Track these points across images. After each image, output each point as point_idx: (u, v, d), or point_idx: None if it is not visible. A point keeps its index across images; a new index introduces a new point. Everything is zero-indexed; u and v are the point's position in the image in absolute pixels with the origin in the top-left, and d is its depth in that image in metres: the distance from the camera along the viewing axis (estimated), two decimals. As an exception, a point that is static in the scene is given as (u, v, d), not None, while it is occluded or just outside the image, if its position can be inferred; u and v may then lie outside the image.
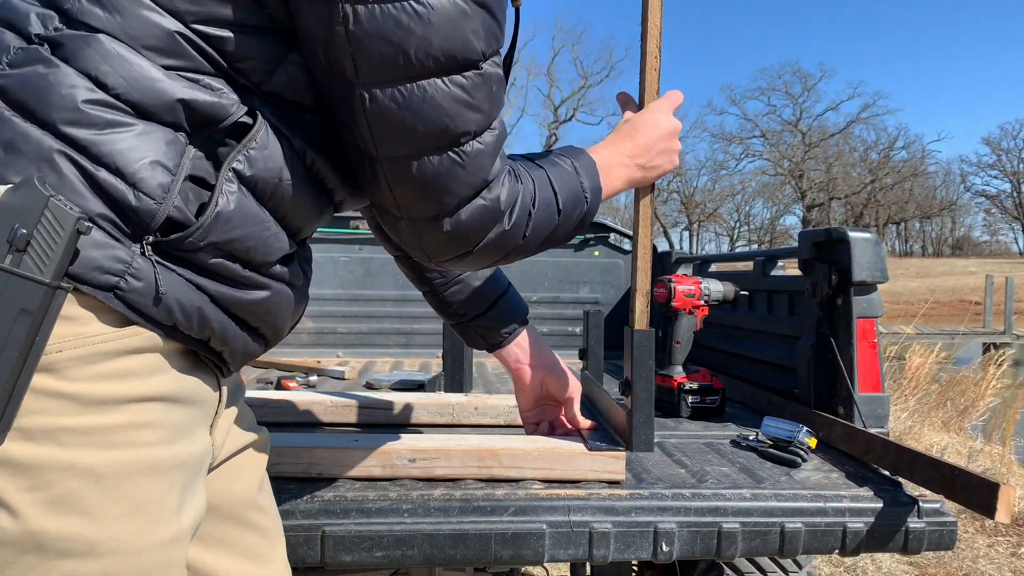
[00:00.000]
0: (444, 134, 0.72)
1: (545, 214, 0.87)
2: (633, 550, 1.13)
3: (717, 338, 2.32)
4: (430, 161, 0.73)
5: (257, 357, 0.85)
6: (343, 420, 1.57)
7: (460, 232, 0.79)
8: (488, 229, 0.80)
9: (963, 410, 6.30)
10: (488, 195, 0.78)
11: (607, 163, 1.01)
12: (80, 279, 0.62)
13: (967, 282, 30.60)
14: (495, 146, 0.77)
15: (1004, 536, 3.58)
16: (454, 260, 0.84)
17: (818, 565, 3.21)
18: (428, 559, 1.10)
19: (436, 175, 0.74)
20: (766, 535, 1.15)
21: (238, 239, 0.70)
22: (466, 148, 0.74)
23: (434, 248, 0.81)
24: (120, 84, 0.64)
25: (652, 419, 1.19)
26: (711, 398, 1.76)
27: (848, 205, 52.69)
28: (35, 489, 0.61)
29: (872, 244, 1.55)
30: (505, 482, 1.21)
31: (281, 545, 0.95)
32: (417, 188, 0.75)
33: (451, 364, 1.88)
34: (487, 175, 0.77)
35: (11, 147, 0.62)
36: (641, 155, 1.06)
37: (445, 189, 0.75)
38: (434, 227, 0.78)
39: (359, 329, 2.91)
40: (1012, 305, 14.85)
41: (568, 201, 0.91)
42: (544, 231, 0.89)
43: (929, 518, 1.18)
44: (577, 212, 0.93)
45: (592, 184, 0.95)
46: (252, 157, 0.70)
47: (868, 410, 1.51)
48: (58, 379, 0.62)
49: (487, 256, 0.85)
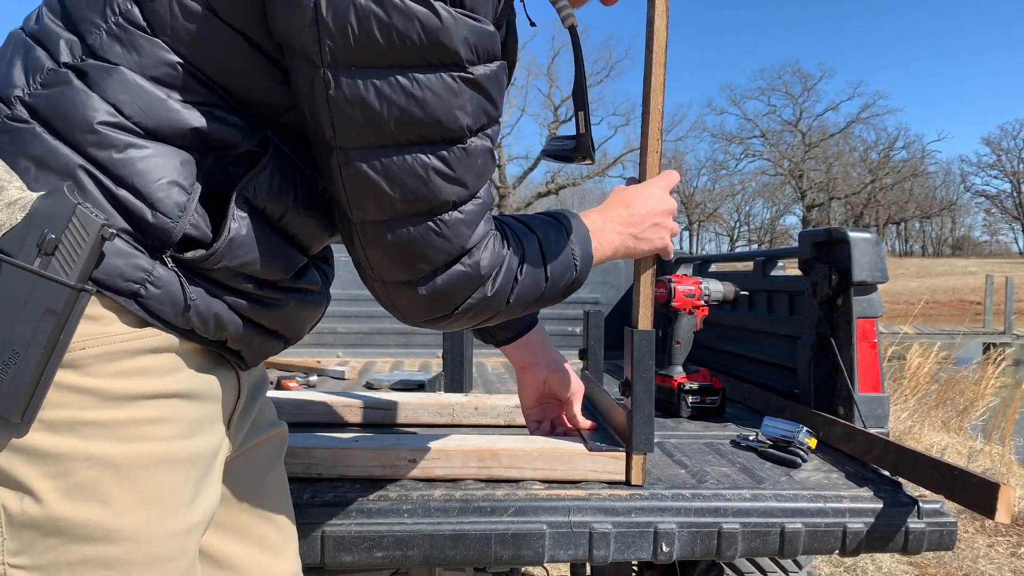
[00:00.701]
0: (422, 203, 0.71)
1: (532, 281, 0.86)
2: (633, 550, 1.13)
3: (717, 338, 2.32)
4: (406, 229, 0.72)
5: (277, 354, 0.87)
6: (343, 420, 1.56)
7: (436, 296, 0.77)
8: (469, 294, 0.79)
9: (963, 410, 6.29)
10: (468, 260, 0.77)
11: (599, 228, 0.99)
12: (104, 284, 0.66)
13: (967, 282, 30.61)
14: (477, 215, 0.76)
15: (1004, 536, 3.58)
16: (430, 322, 0.82)
17: (818, 565, 3.21)
18: (428, 559, 1.10)
19: (411, 242, 0.73)
20: (766, 535, 1.15)
21: (250, 262, 0.73)
22: (444, 217, 0.73)
23: (407, 309, 0.80)
24: (136, 112, 0.68)
25: (652, 419, 1.19)
26: (711, 398, 1.76)
27: (848, 205, 52.71)
28: (57, 477, 0.65)
29: (872, 244, 1.55)
30: (505, 482, 1.21)
31: (294, 538, 0.98)
32: (390, 253, 0.74)
33: (451, 364, 1.88)
34: (465, 243, 0.75)
35: (41, 162, 0.66)
36: (634, 224, 1.04)
37: (419, 256, 0.74)
38: (407, 291, 0.77)
39: (359, 329, 2.91)
40: (1012, 305, 14.85)
41: (557, 268, 0.89)
42: (529, 297, 0.86)
43: (929, 518, 1.18)
44: (565, 279, 0.91)
45: (583, 251, 0.94)
46: (260, 185, 0.73)
47: (868, 410, 1.51)
48: (81, 375, 0.65)
49: (467, 320, 0.82)
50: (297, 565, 0.97)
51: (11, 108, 0.67)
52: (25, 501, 0.64)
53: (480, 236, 0.77)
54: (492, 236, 0.79)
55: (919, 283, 31.64)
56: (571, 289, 0.93)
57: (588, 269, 0.95)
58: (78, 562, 0.65)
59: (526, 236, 0.87)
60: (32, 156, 0.66)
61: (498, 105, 0.74)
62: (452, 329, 0.85)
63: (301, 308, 0.83)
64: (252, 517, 0.92)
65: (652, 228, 1.06)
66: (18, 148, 0.66)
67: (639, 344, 1.19)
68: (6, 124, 0.67)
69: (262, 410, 0.95)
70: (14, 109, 0.67)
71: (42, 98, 0.67)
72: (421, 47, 0.66)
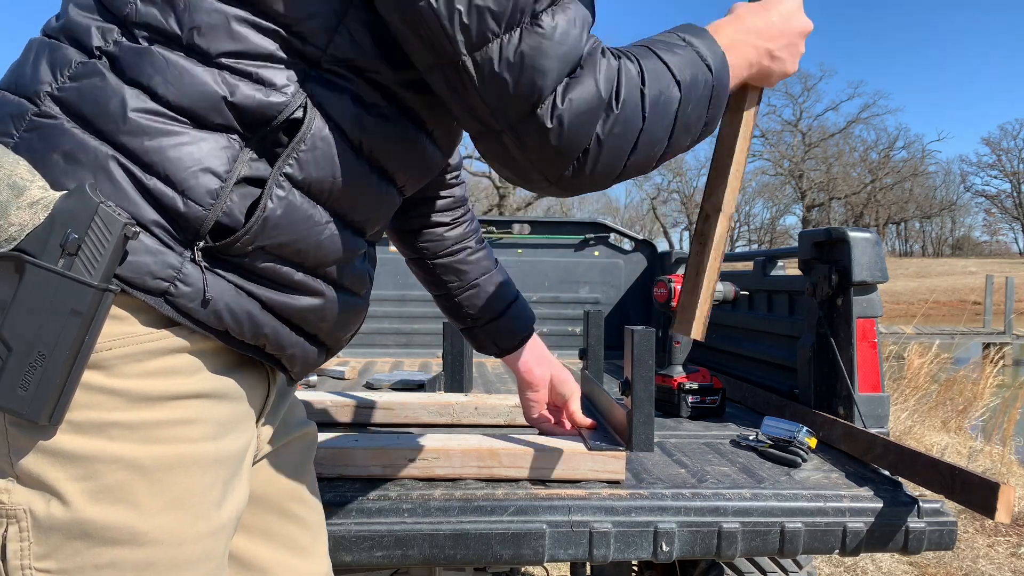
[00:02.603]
0: (517, 5, 0.66)
1: (660, 88, 0.74)
2: (633, 550, 1.13)
3: (717, 338, 2.32)
4: (511, 40, 0.66)
5: (319, 365, 0.84)
6: (343, 420, 1.57)
7: (565, 125, 0.69)
8: (596, 116, 0.70)
9: (963, 410, 6.29)
10: (584, 75, 0.69)
11: (731, 41, 0.84)
12: (132, 284, 0.65)
13: (967, 282, 30.61)
14: (579, 17, 0.70)
15: (1004, 536, 3.58)
16: (577, 176, 0.72)
17: (818, 565, 3.21)
18: (428, 559, 1.10)
19: (521, 56, 0.67)
20: (766, 535, 1.15)
21: (288, 243, 0.71)
22: (544, 19, 0.67)
23: (547, 161, 0.71)
24: (170, 92, 0.66)
25: (652, 419, 1.19)
26: (711, 398, 1.76)
27: (848, 205, 52.71)
28: (84, 479, 0.64)
29: (872, 244, 1.55)
30: (505, 482, 1.21)
31: (323, 539, 0.96)
32: (506, 77, 0.67)
33: (451, 364, 1.88)
34: (578, 49, 0.69)
35: (70, 157, 0.65)
36: (773, 38, 0.87)
37: (534, 68, 0.67)
38: (536, 126, 0.68)
39: (360, 329, 2.91)
40: (1012, 305, 14.85)
41: (685, 71, 0.76)
42: (668, 109, 0.75)
43: (929, 518, 1.18)
44: (702, 83, 0.78)
45: (712, 52, 0.80)
46: (302, 159, 0.70)
47: (868, 410, 1.51)
48: (108, 376, 0.65)
49: (611, 157, 0.72)
50: (327, 566, 0.95)
51: (39, 105, 0.67)
52: (52, 504, 0.63)
53: (592, 48, 0.70)
54: (603, 50, 0.72)
55: (919, 283, 31.66)
56: (715, 99, 0.80)
57: (726, 72, 0.81)
58: (105, 565, 0.65)
59: (636, 48, 0.77)
60: (62, 151, 0.65)
61: None
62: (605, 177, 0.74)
63: (341, 307, 0.80)
64: (281, 518, 0.90)
65: (788, 48, 0.89)
66: (48, 144, 0.66)
67: (639, 343, 1.19)
68: (34, 121, 0.66)
69: (291, 409, 0.93)
70: (42, 106, 0.67)
71: (72, 91, 0.66)
72: None
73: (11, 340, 0.62)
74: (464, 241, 1.17)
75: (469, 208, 1.21)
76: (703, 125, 0.80)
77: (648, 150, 0.75)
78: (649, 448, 1.19)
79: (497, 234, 3.07)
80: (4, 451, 0.64)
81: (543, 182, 0.74)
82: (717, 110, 0.81)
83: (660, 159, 0.78)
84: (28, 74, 0.69)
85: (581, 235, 3.09)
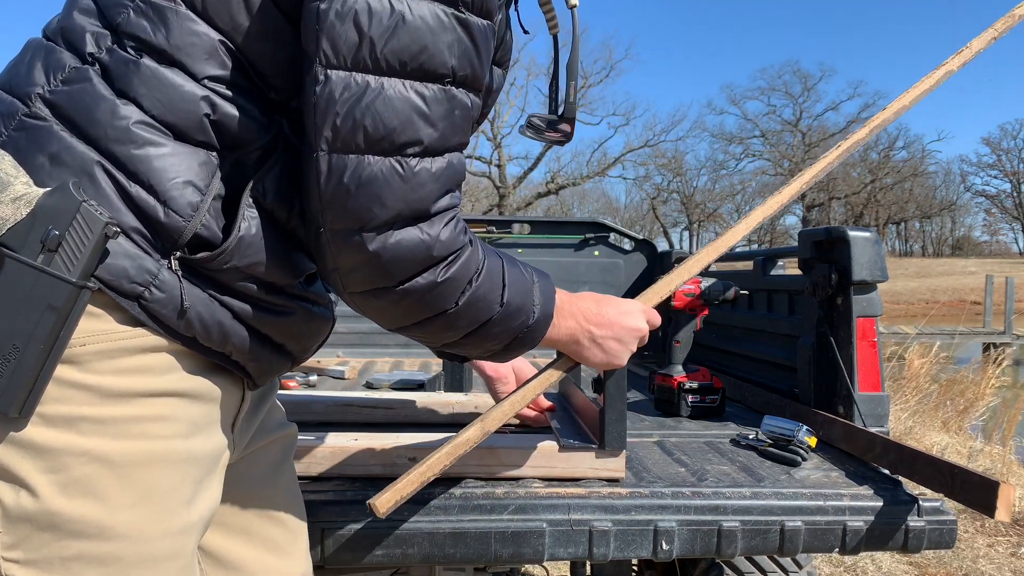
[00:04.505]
0: (388, 136, 0.68)
1: (486, 294, 0.78)
2: (633, 548, 1.13)
3: (717, 338, 2.33)
4: (368, 162, 0.68)
5: (284, 372, 0.85)
6: (343, 420, 1.56)
7: (384, 258, 0.70)
8: (418, 269, 0.72)
9: (963, 410, 6.29)
10: (427, 229, 0.71)
11: (562, 307, 0.91)
12: (109, 285, 0.66)
13: (967, 282, 30.59)
14: (444, 176, 0.71)
15: (1004, 536, 3.58)
16: (367, 296, 0.74)
17: (818, 565, 3.21)
18: (428, 558, 1.10)
19: (371, 179, 0.68)
20: (766, 534, 1.15)
21: (259, 262, 0.73)
22: (410, 161, 0.69)
23: (349, 269, 0.72)
24: (156, 106, 0.68)
25: (624, 416, 1.19)
26: (711, 397, 1.76)
27: (848, 205, 52.71)
28: (53, 471, 0.65)
29: (872, 243, 1.55)
30: (505, 480, 1.21)
31: (303, 539, 0.97)
32: (349, 189, 0.68)
33: (451, 364, 1.88)
34: (428, 203, 0.71)
35: (56, 159, 0.66)
36: (599, 325, 0.94)
37: (376, 197, 0.68)
38: (355, 241, 0.70)
39: (359, 329, 2.91)
40: (1012, 305, 14.84)
41: (514, 300, 0.81)
42: (479, 314, 0.78)
43: (929, 517, 1.18)
44: (520, 320, 0.82)
45: (543, 304, 0.85)
46: (268, 185, 0.73)
47: (868, 409, 1.51)
48: (81, 371, 0.66)
49: (406, 304, 0.75)
50: (307, 565, 0.96)
51: (29, 106, 0.68)
52: (21, 495, 0.64)
53: (444, 207, 0.72)
54: (457, 220, 0.75)
55: (919, 283, 31.66)
56: (522, 340, 0.84)
57: (544, 329, 0.86)
58: (72, 558, 0.65)
59: (493, 253, 0.81)
60: (48, 153, 0.66)
61: (484, 65, 0.72)
62: (386, 317, 0.77)
63: (308, 319, 0.82)
64: (259, 518, 0.91)
65: (613, 340, 0.95)
66: (35, 145, 0.67)
67: None
68: (23, 122, 0.67)
69: (270, 412, 0.94)
70: (32, 107, 0.68)
71: (63, 95, 0.68)
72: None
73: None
74: None
75: None
76: (495, 351, 0.84)
77: (439, 331, 0.79)
78: (622, 446, 1.19)
79: (497, 234, 3.07)
80: None
81: (339, 287, 0.74)
82: (515, 349, 0.85)
83: (441, 344, 0.83)
84: (23, 74, 0.70)
85: (581, 235, 3.09)
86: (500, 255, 0.83)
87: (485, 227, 3.09)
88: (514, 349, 0.86)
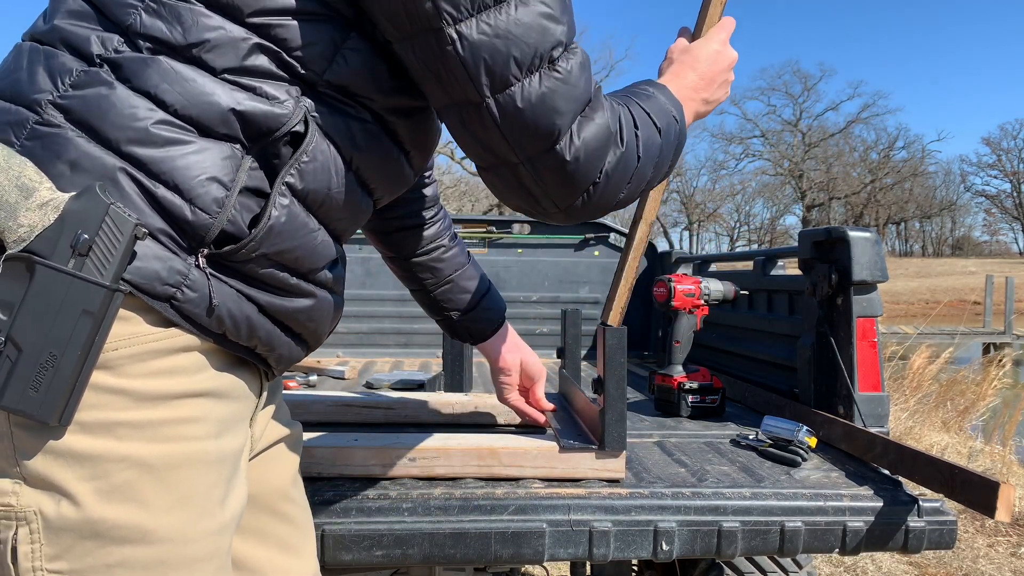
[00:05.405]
0: (536, 53, 0.70)
1: (648, 132, 0.82)
2: (633, 549, 1.13)
3: (717, 338, 2.33)
4: (530, 84, 0.71)
5: (299, 361, 0.87)
6: (343, 420, 1.56)
7: (581, 159, 0.74)
8: (605, 152, 0.76)
9: (963, 410, 6.29)
10: (594, 114, 0.75)
11: (678, 94, 0.95)
12: (141, 288, 0.66)
13: (967, 282, 30.60)
14: (585, 61, 0.75)
15: (1004, 536, 3.58)
16: (584, 205, 0.78)
17: (818, 565, 3.21)
18: (428, 558, 1.10)
19: (541, 97, 0.71)
20: (766, 534, 1.15)
21: (288, 249, 0.73)
22: (559, 63, 0.72)
23: (561, 191, 0.76)
24: (178, 101, 0.68)
25: (625, 416, 1.19)
26: (711, 397, 1.76)
27: (848, 205, 52.73)
28: (93, 479, 0.64)
29: (872, 243, 1.55)
30: (505, 481, 1.21)
31: (311, 538, 0.98)
32: (527, 116, 0.71)
33: (451, 364, 1.88)
34: (589, 92, 0.75)
35: (76, 166, 0.65)
36: (704, 88, 1.00)
37: (554, 109, 0.72)
38: (554, 160, 0.73)
39: (359, 329, 2.91)
40: (1012, 305, 14.85)
41: (661, 117, 0.86)
42: (653, 151, 0.83)
43: (929, 517, 1.18)
44: (673, 130, 0.88)
45: (675, 105, 0.90)
46: (303, 170, 0.73)
47: (868, 409, 1.51)
48: (115, 376, 0.65)
49: (613, 189, 0.79)
50: (315, 565, 0.97)
51: (40, 113, 0.66)
52: (63, 504, 0.64)
53: (595, 90, 0.76)
54: (601, 93, 0.79)
55: (919, 283, 31.66)
56: (679, 145, 0.91)
57: (684, 119, 0.92)
58: (116, 564, 0.65)
59: (618, 95, 0.85)
60: (67, 160, 0.65)
61: None
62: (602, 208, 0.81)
63: (327, 307, 0.83)
64: (270, 518, 0.91)
65: (720, 87, 1.02)
66: (52, 153, 0.65)
67: (611, 342, 1.19)
68: (36, 130, 0.66)
69: (279, 410, 0.95)
70: (44, 114, 0.66)
71: (76, 100, 0.66)
72: None
73: (21, 342, 0.62)
74: (438, 239, 1.24)
75: (442, 207, 1.27)
76: (669, 166, 0.90)
77: (638, 185, 0.83)
78: (622, 446, 1.19)
79: (497, 234, 3.07)
80: (10, 454, 0.64)
81: (553, 209, 0.79)
82: (679, 154, 0.92)
83: (641, 194, 0.88)
84: (24, 81, 0.68)
85: (581, 235, 3.09)
86: (624, 92, 0.88)
87: (485, 227, 3.09)
88: (679, 154, 0.93)
